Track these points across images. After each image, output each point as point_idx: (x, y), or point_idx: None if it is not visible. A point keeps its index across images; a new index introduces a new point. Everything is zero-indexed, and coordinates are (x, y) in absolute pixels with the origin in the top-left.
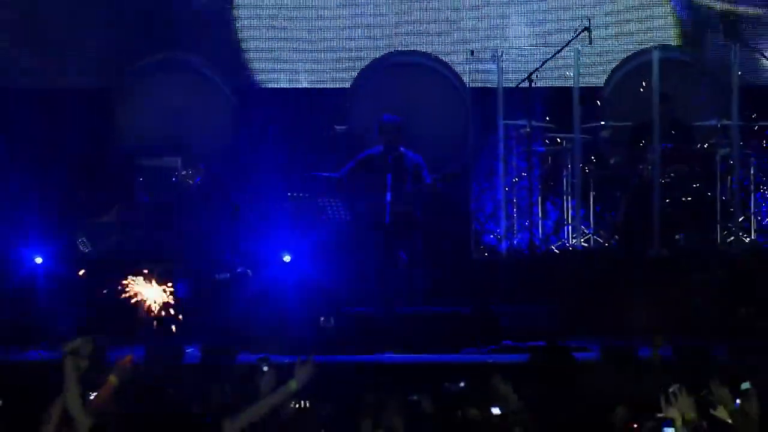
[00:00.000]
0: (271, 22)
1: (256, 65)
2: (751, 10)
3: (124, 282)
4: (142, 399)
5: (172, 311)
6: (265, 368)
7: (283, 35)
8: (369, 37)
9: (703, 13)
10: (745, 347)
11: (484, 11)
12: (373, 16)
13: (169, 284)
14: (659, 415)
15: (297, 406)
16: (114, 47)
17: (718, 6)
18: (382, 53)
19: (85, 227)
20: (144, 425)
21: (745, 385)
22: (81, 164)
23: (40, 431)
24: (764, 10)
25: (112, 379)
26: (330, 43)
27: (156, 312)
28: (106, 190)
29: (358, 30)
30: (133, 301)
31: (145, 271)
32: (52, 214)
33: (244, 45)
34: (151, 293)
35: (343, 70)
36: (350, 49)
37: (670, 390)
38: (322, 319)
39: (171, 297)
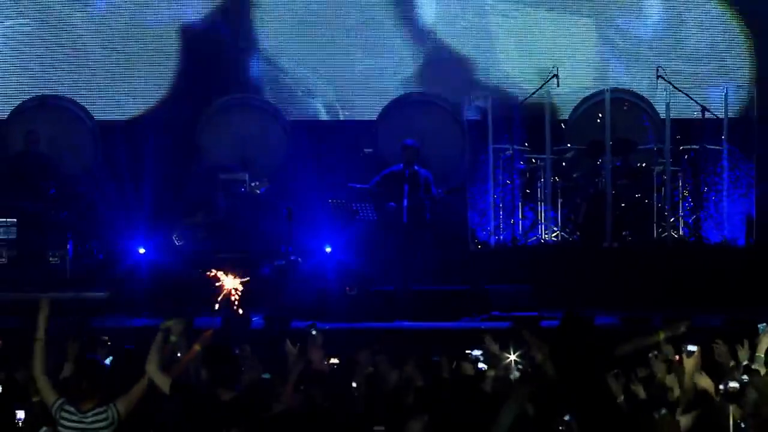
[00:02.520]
0: (317, 69)
1: (305, 102)
2: None
3: (209, 273)
4: (215, 359)
5: (241, 296)
6: (314, 332)
7: (325, 77)
8: (392, 80)
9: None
10: (676, 316)
11: (477, 62)
12: (395, 65)
13: (243, 278)
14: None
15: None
16: (191, 86)
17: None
18: (401, 93)
19: (178, 226)
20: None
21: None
22: (175, 178)
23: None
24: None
25: (197, 347)
26: (362, 84)
27: (232, 295)
28: (193, 197)
29: (384, 75)
30: (217, 284)
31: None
32: (153, 216)
33: (294, 86)
34: (228, 282)
35: (371, 106)
36: (376, 90)
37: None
38: (347, 288)
39: (241, 286)
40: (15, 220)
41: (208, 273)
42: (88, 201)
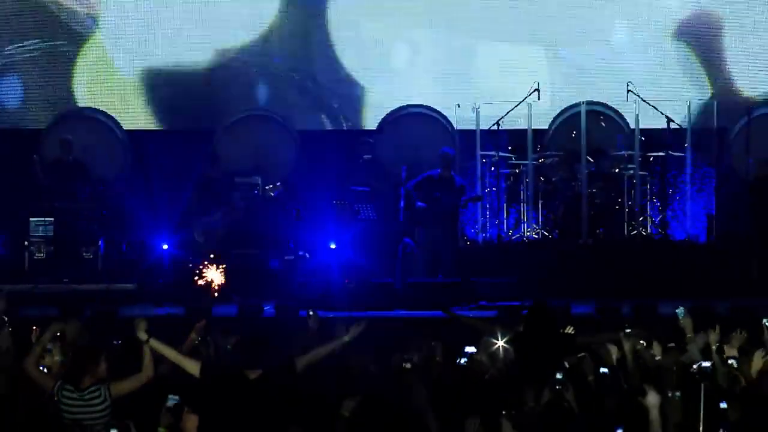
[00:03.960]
0: (323, 84)
1: (311, 114)
2: None
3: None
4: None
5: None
6: (310, 313)
7: (329, 92)
8: (389, 93)
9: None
10: (645, 305)
11: (466, 77)
12: (391, 83)
13: (222, 267)
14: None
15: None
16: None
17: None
18: (399, 105)
19: (198, 225)
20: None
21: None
22: (196, 181)
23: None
24: None
25: (192, 335)
26: (362, 97)
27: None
28: (213, 199)
29: (381, 90)
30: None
31: (212, 256)
32: (176, 216)
33: (301, 99)
34: (211, 274)
35: (371, 117)
36: (375, 103)
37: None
38: (346, 281)
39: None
40: (52, 219)
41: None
42: (117, 202)
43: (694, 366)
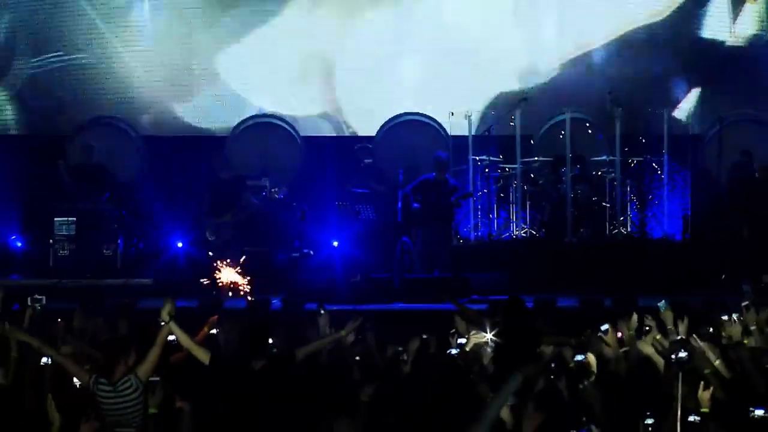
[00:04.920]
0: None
1: (315, 121)
2: None
3: (216, 266)
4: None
5: (239, 286)
6: (322, 312)
7: (332, 102)
8: (387, 100)
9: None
10: (625, 299)
11: (460, 87)
12: (390, 91)
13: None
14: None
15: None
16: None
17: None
18: (396, 113)
19: (210, 224)
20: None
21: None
22: (208, 183)
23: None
24: None
25: (206, 329)
26: (363, 105)
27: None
28: (224, 200)
29: (380, 97)
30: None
31: (227, 261)
32: (189, 216)
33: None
34: (227, 274)
35: (370, 124)
36: (373, 110)
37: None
38: (354, 278)
39: (239, 276)
40: (75, 219)
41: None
42: (135, 203)
43: (672, 356)
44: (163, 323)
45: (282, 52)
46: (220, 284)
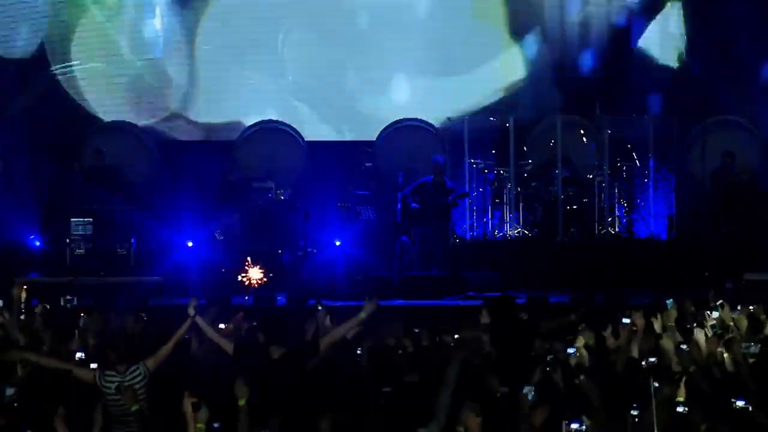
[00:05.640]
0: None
1: (318, 126)
2: None
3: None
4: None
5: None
6: (320, 308)
7: (334, 108)
8: (387, 106)
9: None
10: (613, 295)
11: (455, 95)
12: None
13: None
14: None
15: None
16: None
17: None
18: (396, 118)
19: (218, 225)
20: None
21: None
22: (217, 186)
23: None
24: None
25: (230, 326)
26: (363, 112)
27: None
28: (232, 201)
29: (381, 104)
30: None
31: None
32: (199, 216)
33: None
34: (254, 273)
35: (371, 129)
36: (373, 116)
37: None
38: (356, 276)
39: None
40: (91, 219)
41: (246, 263)
42: (148, 204)
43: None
44: (190, 318)
45: (289, 66)
46: (249, 282)
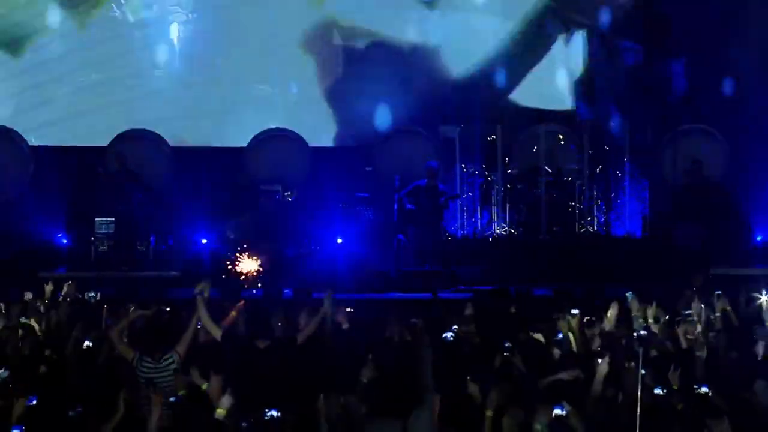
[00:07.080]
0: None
1: (323, 133)
2: None
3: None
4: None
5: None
6: (326, 300)
7: (339, 115)
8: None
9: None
10: (593, 288)
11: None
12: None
13: (259, 261)
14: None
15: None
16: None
17: None
18: (395, 126)
19: (230, 224)
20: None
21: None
22: (228, 189)
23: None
24: None
25: (233, 313)
26: (365, 119)
27: (248, 275)
28: (242, 203)
29: (381, 112)
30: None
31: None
32: (211, 217)
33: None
34: (248, 264)
35: (371, 135)
36: (373, 123)
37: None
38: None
39: (259, 267)
40: (113, 219)
41: (237, 254)
42: (165, 205)
43: (635, 334)
44: (197, 295)
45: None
46: (240, 273)
